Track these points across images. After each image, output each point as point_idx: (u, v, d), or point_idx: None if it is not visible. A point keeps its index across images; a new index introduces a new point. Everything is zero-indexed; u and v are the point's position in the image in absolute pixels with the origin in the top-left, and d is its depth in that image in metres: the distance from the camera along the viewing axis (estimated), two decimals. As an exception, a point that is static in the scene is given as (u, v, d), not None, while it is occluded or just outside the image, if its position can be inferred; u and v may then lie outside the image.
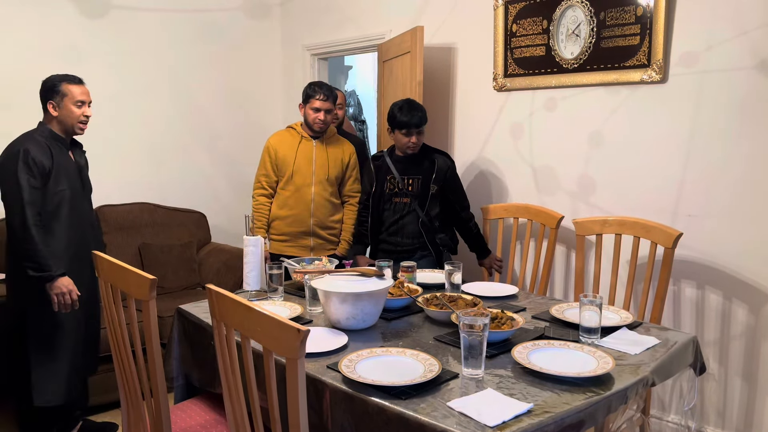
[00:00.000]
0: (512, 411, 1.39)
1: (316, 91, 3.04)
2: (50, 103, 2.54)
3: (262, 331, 1.37)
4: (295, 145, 3.12)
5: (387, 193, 3.01)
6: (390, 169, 2.99)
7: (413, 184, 2.97)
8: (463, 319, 1.58)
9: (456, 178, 3.05)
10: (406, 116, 2.84)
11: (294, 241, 3.16)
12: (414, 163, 2.98)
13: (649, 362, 1.71)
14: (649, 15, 2.68)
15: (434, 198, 2.97)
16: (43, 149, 2.47)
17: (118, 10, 3.90)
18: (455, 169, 3.06)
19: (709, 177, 2.62)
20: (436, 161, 2.97)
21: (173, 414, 2.02)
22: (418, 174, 2.97)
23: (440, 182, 2.97)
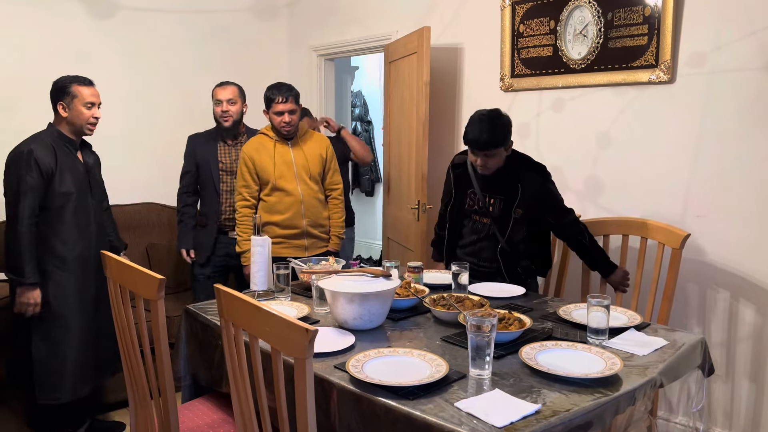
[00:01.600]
0: (520, 412, 1.39)
1: (275, 94, 2.98)
2: (60, 104, 2.57)
3: (270, 331, 1.37)
4: (272, 151, 3.04)
5: (467, 209, 2.67)
6: (471, 183, 2.63)
7: (494, 204, 2.57)
8: (470, 320, 1.58)
9: (550, 196, 2.54)
10: (471, 133, 2.44)
11: (288, 243, 3.11)
12: (497, 180, 2.54)
13: (657, 363, 1.71)
14: (657, 15, 2.67)
15: (519, 223, 2.53)
16: (48, 150, 2.50)
17: (126, 11, 3.92)
18: (549, 184, 2.55)
19: (718, 178, 2.61)
20: (522, 181, 2.51)
21: (181, 413, 2.03)
22: (501, 194, 2.55)
23: (527, 206, 2.50)
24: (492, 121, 2.42)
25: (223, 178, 3.28)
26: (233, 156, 3.30)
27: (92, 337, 2.65)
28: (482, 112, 2.47)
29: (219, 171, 3.28)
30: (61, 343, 2.57)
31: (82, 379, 2.63)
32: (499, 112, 2.47)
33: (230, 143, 3.31)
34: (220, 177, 3.28)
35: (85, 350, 2.62)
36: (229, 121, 3.25)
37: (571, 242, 2.62)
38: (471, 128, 2.43)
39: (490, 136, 2.39)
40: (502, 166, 2.50)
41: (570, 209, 2.58)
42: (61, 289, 2.56)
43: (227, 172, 3.29)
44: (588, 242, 2.56)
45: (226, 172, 3.29)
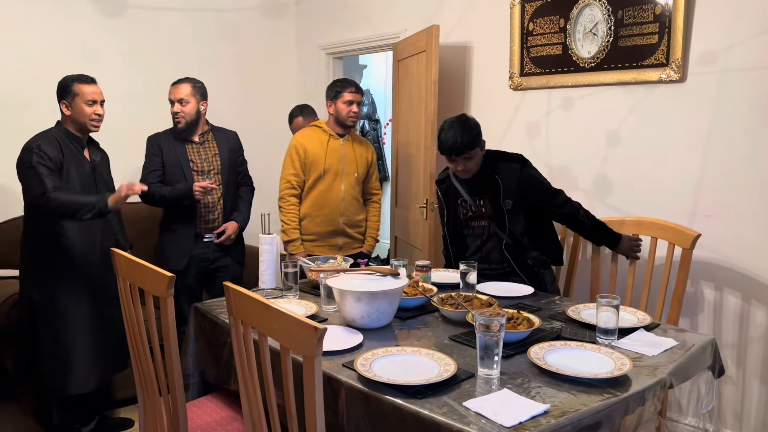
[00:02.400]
0: (529, 412, 1.38)
1: (346, 86, 3.08)
2: (63, 103, 2.61)
3: (279, 329, 1.37)
4: (325, 143, 3.11)
5: (463, 219, 2.68)
6: (459, 192, 2.65)
7: (485, 204, 2.61)
8: (479, 319, 1.58)
9: (532, 181, 2.58)
10: (446, 141, 2.48)
11: (323, 241, 3.15)
12: (480, 180, 2.59)
13: (667, 364, 1.70)
14: (668, 13, 2.65)
15: (513, 214, 2.55)
16: (53, 145, 2.54)
17: (135, 9, 3.94)
18: (528, 169, 2.60)
19: (728, 177, 2.59)
20: (500, 173, 2.56)
21: (189, 410, 2.04)
22: (487, 193, 2.59)
23: (514, 196, 2.54)
24: (462, 125, 2.48)
25: (196, 178, 3.05)
26: (203, 155, 3.09)
27: (97, 333, 2.66)
28: (450, 120, 2.54)
29: (192, 171, 3.05)
30: (66, 337, 2.58)
31: (87, 374, 2.64)
32: (465, 116, 2.55)
33: (198, 141, 3.08)
34: (193, 176, 3.05)
35: (89, 345, 2.63)
36: (181, 122, 3.01)
37: (569, 223, 2.63)
38: (444, 136, 2.48)
39: (465, 138, 2.45)
40: (481, 166, 2.56)
41: (559, 190, 2.60)
42: (66, 284, 2.58)
43: (199, 172, 3.06)
44: (586, 219, 2.57)
45: (198, 172, 3.06)
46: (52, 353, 2.58)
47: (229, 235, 3.08)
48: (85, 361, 2.63)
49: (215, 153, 3.11)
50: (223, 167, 3.11)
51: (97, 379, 2.68)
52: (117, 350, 2.76)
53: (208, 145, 3.12)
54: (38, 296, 2.58)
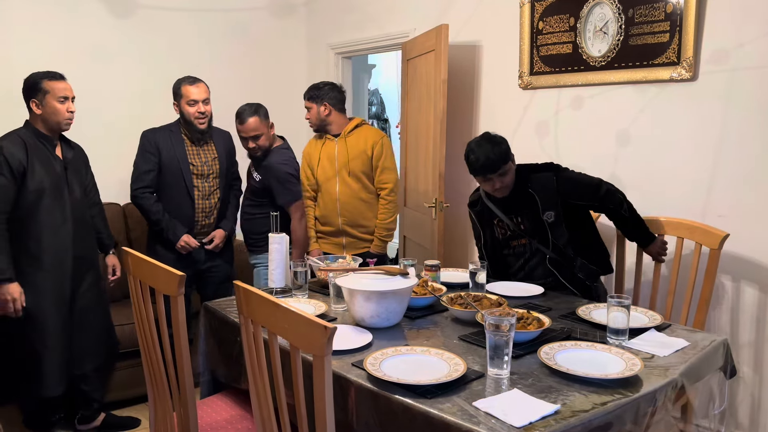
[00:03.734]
0: (539, 412, 1.38)
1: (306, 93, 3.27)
2: (33, 102, 2.53)
3: (289, 328, 1.38)
4: (319, 147, 3.21)
5: (501, 239, 2.59)
6: (494, 212, 2.56)
7: (523, 221, 2.50)
8: (488, 319, 1.57)
9: (571, 183, 2.47)
10: (477, 161, 2.38)
11: (328, 239, 3.25)
12: (514, 197, 2.49)
13: (678, 365, 1.69)
14: (679, 12, 2.63)
15: (556, 226, 2.44)
16: (19, 146, 2.47)
17: (145, 9, 3.96)
18: (561, 173, 2.51)
19: (741, 177, 2.57)
20: (534, 185, 2.45)
21: (199, 409, 2.05)
22: (524, 208, 2.48)
23: (554, 206, 2.43)
24: (490, 141, 2.40)
25: (196, 182, 3.02)
26: (203, 158, 3.06)
27: (67, 336, 2.62)
28: (474, 139, 2.47)
29: (191, 175, 3.01)
30: (36, 343, 2.55)
31: (57, 378, 2.60)
32: (489, 133, 2.46)
33: (198, 145, 3.07)
34: (193, 180, 3.02)
35: (58, 349, 2.59)
36: (205, 123, 3.01)
37: (609, 214, 2.52)
38: (474, 157, 2.39)
39: (496, 154, 2.37)
40: (515, 183, 2.47)
41: (599, 181, 2.48)
42: (35, 290, 2.52)
43: (199, 176, 3.03)
44: (627, 212, 2.47)
45: (198, 176, 3.03)
46: (23, 357, 2.56)
47: (217, 244, 3.11)
48: (55, 364, 2.58)
49: (215, 156, 3.10)
50: (221, 171, 3.10)
51: (65, 381, 2.64)
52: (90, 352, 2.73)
53: (208, 147, 3.10)
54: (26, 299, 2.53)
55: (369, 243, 3.22)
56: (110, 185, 3.52)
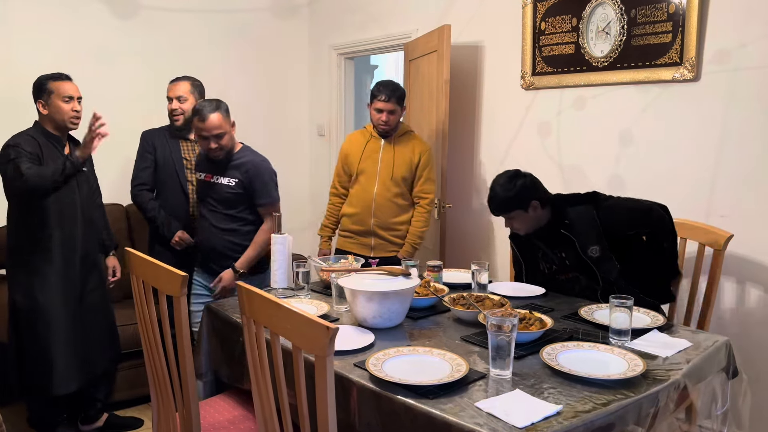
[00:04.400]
0: (541, 412, 1.38)
1: (380, 90, 3.01)
2: (39, 102, 2.60)
3: (291, 328, 1.38)
4: (363, 144, 3.11)
5: (547, 273, 2.46)
6: (537, 245, 2.44)
7: (567, 257, 2.36)
8: (491, 320, 1.57)
9: (614, 213, 2.29)
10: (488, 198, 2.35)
11: (356, 239, 3.16)
12: (553, 232, 2.35)
13: (681, 365, 1.68)
14: (682, 12, 2.63)
15: (604, 260, 2.26)
16: (31, 144, 2.53)
17: (148, 10, 3.97)
18: (606, 205, 2.33)
19: (743, 177, 2.57)
20: (571, 220, 2.30)
21: (202, 409, 2.05)
22: (564, 244, 2.33)
23: (596, 241, 2.26)
24: (503, 185, 2.32)
25: (190, 177, 3.07)
26: (195, 153, 3.11)
27: (77, 334, 2.64)
28: (500, 174, 2.37)
29: (185, 170, 3.08)
30: (46, 338, 2.57)
31: (69, 375, 2.61)
32: (514, 173, 2.34)
33: (192, 140, 3.09)
34: (186, 175, 3.08)
35: (71, 346, 2.61)
36: (179, 119, 3.06)
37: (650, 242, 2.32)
38: (491, 193, 2.35)
39: (500, 200, 2.31)
40: (551, 217, 2.35)
41: (649, 206, 2.30)
42: (47, 284, 2.56)
43: (193, 171, 3.06)
44: (668, 245, 2.28)
45: (192, 171, 3.06)
46: (34, 354, 2.58)
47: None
48: (66, 362, 2.60)
49: None
50: None
51: (79, 379, 2.66)
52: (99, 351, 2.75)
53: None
54: (20, 298, 2.57)
55: (397, 247, 3.13)
56: (113, 186, 3.54)
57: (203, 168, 2.85)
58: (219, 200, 2.77)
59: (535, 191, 2.32)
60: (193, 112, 2.68)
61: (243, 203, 2.78)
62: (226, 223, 2.78)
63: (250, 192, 2.75)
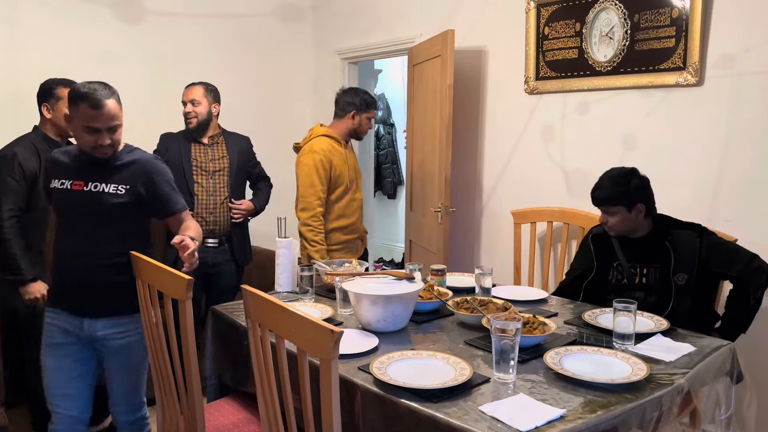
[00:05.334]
0: (545, 416, 1.38)
1: (375, 102, 3.12)
2: (44, 106, 2.61)
3: (296, 331, 1.39)
4: (344, 155, 3.07)
5: (613, 284, 2.38)
6: (615, 254, 2.38)
7: (648, 275, 2.31)
8: (495, 324, 1.58)
9: (717, 250, 2.25)
10: (596, 185, 2.33)
11: (347, 247, 3.15)
12: (647, 247, 2.30)
13: (684, 369, 1.68)
14: (685, 17, 2.64)
15: (683, 292, 2.22)
16: (31, 152, 2.53)
17: (153, 15, 3.99)
18: (708, 236, 2.28)
19: (746, 182, 2.57)
20: (673, 241, 2.26)
21: (206, 413, 2.06)
22: (656, 262, 2.28)
23: (689, 269, 2.22)
24: (615, 178, 2.31)
25: (197, 178, 3.03)
26: (209, 156, 3.08)
27: None
28: (615, 167, 2.37)
29: (192, 170, 3.03)
30: None
31: None
32: (630, 170, 2.34)
33: (206, 143, 3.09)
34: (194, 176, 3.03)
35: None
36: (193, 122, 3.06)
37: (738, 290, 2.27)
38: (598, 183, 2.34)
39: (608, 191, 2.28)
40: (651, 232, 2.32)
41: (753, 256, 2.25)
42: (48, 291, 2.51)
43: (202, 172, 3.04)
44: (754, 301, 2.21)
45: (201, 172, 3.04)
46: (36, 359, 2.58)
47: (241, 210, 3.09)
48: None
49: (223, 155, 3.13)
50: (231, 169, 3.12)
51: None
52: None
53: (218, 147, 3.13)
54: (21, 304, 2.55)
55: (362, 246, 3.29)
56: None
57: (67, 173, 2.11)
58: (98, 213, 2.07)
59: (646, 196, 2.31)
60: (79, 96, 1.99)
61: (130, 215, 2.11)
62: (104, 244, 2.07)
63: (147, 200, 2.12)
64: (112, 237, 2.07)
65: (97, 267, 2.05)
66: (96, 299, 2.05)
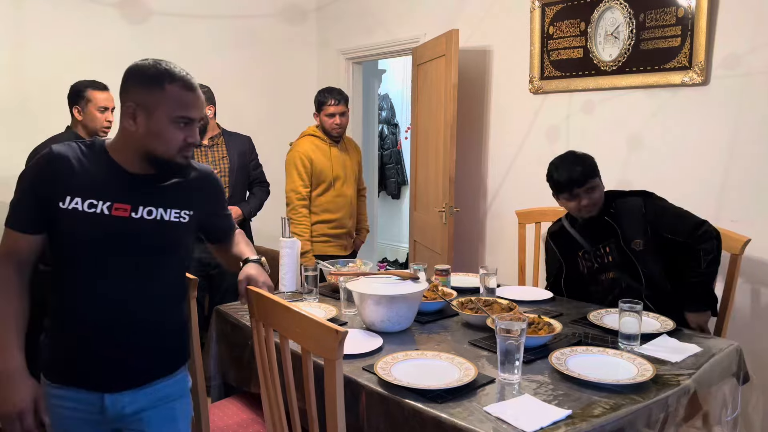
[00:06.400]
0: (550, 417, 1.38)
1: (327, 97, 3.14)
2: (75, 108, 2.68)
3: (300, 332, 1.38)
4: (328, 152, 3.21)
5: (587, 274, 2.38)
6: (578, 244, 2.37)
7: (610, 252, 2.29)
8: (499, 324, 1.57)
9: (662, 212, 2.25)
10: (562, 175, 2.24)
11: (334, 241, 3.29)
12: (599, 225, 2.29)
13: (691, 370, 1.67)
14: (691, 16, 2.63)
15: (646, 256, 2.21)
16: None
17: (158, 16, 3.99)
18: (654, 200, 2.29)
19: (753, 182, 2.56)
20: (620, 210, 2.26)
21: (210, 413, 2.06)
22: (609, 237, 2.28)
23: (641, 233, 2.22)
24: (574, 156, 2.29)
25: None
26: (210, 158, 3.09)
27: None
28: (557, 157, 2.33)
29: None
30: None
31: None
32: (573, 151, 2.33)
33: (206, 145, 3.09)
34: None
35: None
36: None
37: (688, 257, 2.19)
38: (559, 172, 2.26)
39: (583, 168, 2.24)
40: (601, 209, 2.29)
41: (701, 222, 2.21)
42: None
43: None
44: (703, 266, 2.15)
45: None
46: None
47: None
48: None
49: (224, 156, 3.13)
50: (231, 170, 3.12)
51: None
52: None
53: (218, 148, 3.13)
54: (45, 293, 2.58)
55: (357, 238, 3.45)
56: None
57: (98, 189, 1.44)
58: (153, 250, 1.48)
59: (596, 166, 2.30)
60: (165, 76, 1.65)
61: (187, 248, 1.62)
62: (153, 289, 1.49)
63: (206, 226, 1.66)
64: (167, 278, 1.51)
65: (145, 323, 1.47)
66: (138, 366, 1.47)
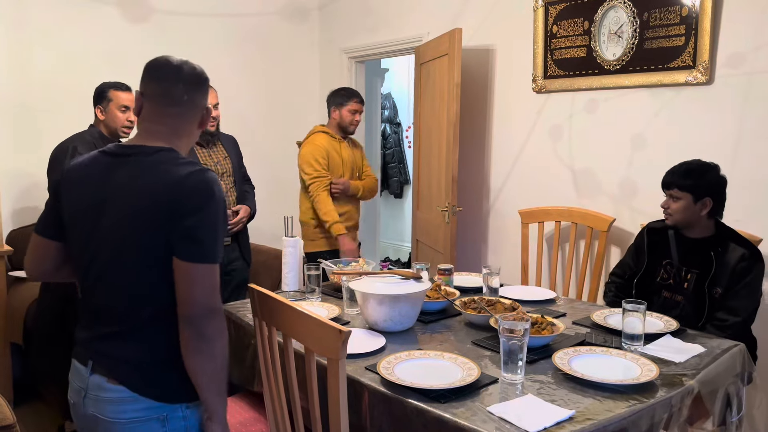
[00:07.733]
0: (554, 417, 1.37)
1: (353, 94, 3.31)
2: (98, 107, 2.76)
3: (303, 331, 1.38)
4: (338, 148, 3.32)
5: (658, 282, 2.31)
6: (669, 252, 2.29)
7: (689, 280, 2.21)
8: (503, 324, 1.57)
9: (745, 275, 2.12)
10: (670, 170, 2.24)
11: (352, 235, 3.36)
12: (698, 248, 2.21)
13: (695, 371, 1.67)
14: (695, 15, 2.62)
15: (720, 305, 2.15)
16: (90, 147, 2.58)
17: (160, 14, 3.99)
18: (755, 262, 2.14)
19: (757, 181, 2.55)
20: (719, 252, 2.16)
21: (213, 411, 2.06)
22: (696, 268, 2.20)
23: (725, 284, 2.13)
24: (692, 165, 2.22)
25: None
26: (214, 158, 3.04)
27: None
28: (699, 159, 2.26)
29: None
30: None
31: None
32: (714, 165, 2.23)
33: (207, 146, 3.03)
34: None
35: None
36: (214, 125, 3.01)
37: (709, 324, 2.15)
38: (675, 166, 2.26)
39: (678, 175, 2.20)
40: (706, 238, 2.22)
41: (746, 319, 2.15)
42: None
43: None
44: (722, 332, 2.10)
45: None
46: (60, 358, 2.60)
47: (241, 218, 3.02)
48: None
49: (225, 156, 3.13)
50: (234, 169, 3.13)
51: None
52: None
53: (217, 149, 3.11)
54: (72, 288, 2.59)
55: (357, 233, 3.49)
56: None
57: None
58: None
59: (717, 194, 2.21)
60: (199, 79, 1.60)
61: None
62: None
63: None
64: None
65: None
66: None
